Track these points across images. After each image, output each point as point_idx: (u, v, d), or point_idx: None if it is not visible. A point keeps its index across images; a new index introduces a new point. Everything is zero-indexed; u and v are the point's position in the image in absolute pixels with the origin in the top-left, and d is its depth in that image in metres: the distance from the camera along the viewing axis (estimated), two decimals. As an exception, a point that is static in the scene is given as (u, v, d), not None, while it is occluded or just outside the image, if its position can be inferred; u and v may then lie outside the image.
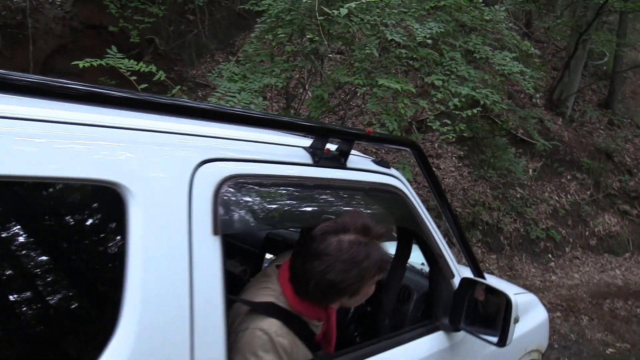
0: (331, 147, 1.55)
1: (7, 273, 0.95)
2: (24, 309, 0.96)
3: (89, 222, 1.04)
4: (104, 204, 1.04)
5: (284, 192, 1.34)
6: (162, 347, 1.03)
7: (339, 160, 1.53)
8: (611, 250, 9.00)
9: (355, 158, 1.66)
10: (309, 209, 1.43)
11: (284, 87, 4.99)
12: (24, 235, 0.97)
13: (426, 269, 2.09)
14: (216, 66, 6.32)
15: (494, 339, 1.78)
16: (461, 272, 2.03)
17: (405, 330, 1.85)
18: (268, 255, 2.45)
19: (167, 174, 1.10)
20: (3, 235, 0.94)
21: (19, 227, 0.96)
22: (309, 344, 1.43)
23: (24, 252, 0.98)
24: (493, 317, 1.85)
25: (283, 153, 1.39)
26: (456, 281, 1.95)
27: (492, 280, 2.78)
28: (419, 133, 7.71)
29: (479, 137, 6.96)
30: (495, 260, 7.43)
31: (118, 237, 1.03)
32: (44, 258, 1.00)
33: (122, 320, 0.98)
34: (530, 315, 2.68)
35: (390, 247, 2.79)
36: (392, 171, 1.74)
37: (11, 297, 0.94)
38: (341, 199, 1.55)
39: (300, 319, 1.41)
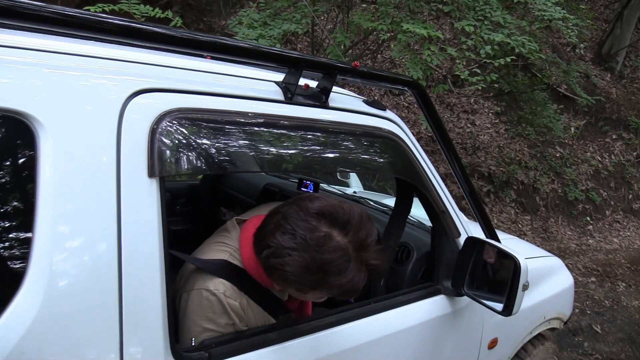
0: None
1: None
2: None
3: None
4: (8, 138, 0.88)
5: (245, 131, 1.14)
6: (79, 311, 0.88)
7: (318, 98, 1.31)
8: (656, 215, 8.54)
9: (343, 97, 1.45)
10: (276, 151, 1.22)
11: (306, 34, 4.73)
12: None
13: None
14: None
15: (499, 307, 1.58)
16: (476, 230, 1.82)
17: (401, 292, 1.67)
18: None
19: (91, 105, 0.93)
20: None
21: None
22: (270, 308, 1.26)
23: None
24: (505, 283, 1.65)
25: (245, 86, 1.19)
26: (463, 240, 1.74)
27: (512, 242, 2.55)
28: (455, 87, 7.33)
29: (517, 92, 6.53)
30: (530, 221, 7.12)
31: (25, 179, 0.87)
32: None
33: (25, 281, 0.83)
34: (553, 280, 2.46)
35: (389, 200, 2.59)
36: (388, 114, 1.52)
37: None
38: (322, 144, 1.34)
39: (257, 281, 1.24)
